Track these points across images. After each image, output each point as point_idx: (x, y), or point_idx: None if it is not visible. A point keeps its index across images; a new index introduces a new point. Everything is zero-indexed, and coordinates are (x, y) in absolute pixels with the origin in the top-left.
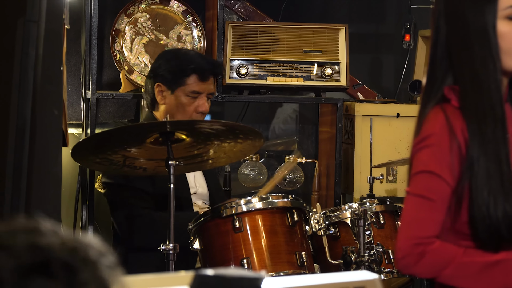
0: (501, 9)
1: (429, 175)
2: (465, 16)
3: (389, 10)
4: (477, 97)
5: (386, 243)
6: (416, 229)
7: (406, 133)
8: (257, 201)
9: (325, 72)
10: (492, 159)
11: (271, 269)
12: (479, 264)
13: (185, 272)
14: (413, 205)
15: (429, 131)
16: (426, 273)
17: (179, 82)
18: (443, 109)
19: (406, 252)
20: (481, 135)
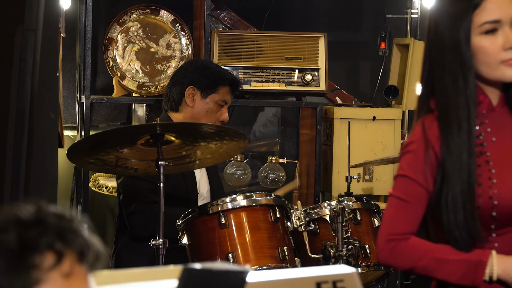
0: (476, 26)
1: (405, 179)
2: (442, 33)
3: (366, 20)
4: (446, 111)
5: (363, 239)
6: (390, 227)
7: (382, 135)
8: (241, 199)
9: (306, 78)
10: (454, 169)
11: (255, 263)
12: (444, 260)
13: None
14: (390, 205)
15: (410, 139)
16: (400, 266)
17: (213, 89)
18: (423, 120)
19: (381, 247)
20: (448, 145)
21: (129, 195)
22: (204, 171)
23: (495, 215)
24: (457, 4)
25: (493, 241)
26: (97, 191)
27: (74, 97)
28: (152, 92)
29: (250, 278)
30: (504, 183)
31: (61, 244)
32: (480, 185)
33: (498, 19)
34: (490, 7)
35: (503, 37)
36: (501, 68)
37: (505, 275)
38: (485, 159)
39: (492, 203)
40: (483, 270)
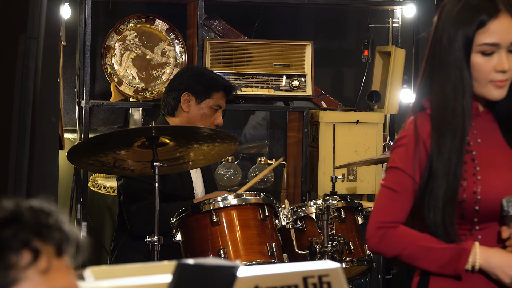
0: (477, 44)
1: (395, 170)
2: (447, 43)
3: (350, 28)
4: (442, 115)
5: (347, 236)
6: (380, 215)
7: (365, 137)
8: (232, 198)
9: (293, 84)
10: (442, 171)
11: (245, 259)
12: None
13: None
14: (381, 195)
15: (402, 134)
16: (388, 252)
17: (208, 95)
18: (416, 117)
19: (371, 234)
20: (439, 147)
21: (130, 196)
22: (199, 172)
23: (478, 209)
24: (465, 18)
25: (476, 234)
26: (95, 190)
27: (74, 102)
28: (148, 97)
29: (240, 273)
30: (487, 180)
31: (37, 241)
32: (465, 180)
33: (497, 43)
34: (493, 30)
35: (498, 59)
36: (488, 86)
37: (487, 265)
38: (471, 157)
39: (475, 197)
40: (466, 258)
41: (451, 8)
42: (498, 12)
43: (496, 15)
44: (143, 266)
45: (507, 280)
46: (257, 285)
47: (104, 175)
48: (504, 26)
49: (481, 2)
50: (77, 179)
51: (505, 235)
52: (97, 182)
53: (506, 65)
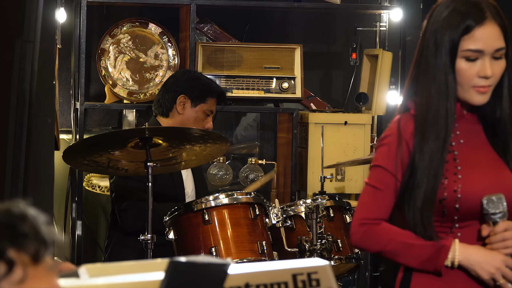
0: (461, 50)
1: (378, 169)
2: (434, 47)
3: (338, 32)
4: (425, 116)
5: (336, 234)
6: (363, 212)
7: (353, 138)
8: (223, 197)
9: (283, 86)
10: (423, 171)
11: (236, 256)
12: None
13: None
14: (364, 193)
15: (386, 134)
16: (370, 248)
17: (203, 100)
18: (400, 117)
19: (354, 229)
20: (421, 148)
21: (121, 194)
22: (189, 171)
23: (458, 208)
24: (453, 21)
25: (456, 232)
26: (90, 190)
27: (69, 104)
28: (141, 99)
29: (231, 270)
30: (467, 180)
31: (12, 250)
32: (446, 179)
33: (481, 49)
34: (478, 36)
35: (481, 66)
36: (471, 92)
37: (466, 262)
38: (453, 157)
39: (456, 196)
40: (446, 255)
41: (440, 12)
42: (484, 19)
43: (482, 22)
44: (137, 264)
45: (486, 276)
46: (247, 282)
47: (98, 175)
48: (489, 33)
49: (469, 9)
50: (72, 179)
51: (485, 233)
52: (91, 182)
53: (488, 72)
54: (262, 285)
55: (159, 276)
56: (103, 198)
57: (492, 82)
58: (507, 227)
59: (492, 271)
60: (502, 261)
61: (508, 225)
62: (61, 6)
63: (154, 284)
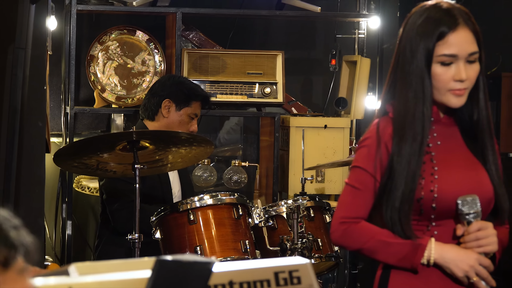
0: (436, 55)
1: (358, 169)
2: (410, 53)
3: (318, 39)
4: (403, 120)
5: (316, 233)
6: (343, 211)
7: (332, 141)
8: (208, 198)
9: (265, 91)
10: (401, 172)
11: (220, 255)
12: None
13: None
14: (345, 192)
15: (365, 136)
16: (350, 246)
17: (187, 103)
18: (379, 121)
19: (334, 228)
20: (399, 150)
21: (112, 195)
22: (176, 173)
23: (435, 207)
24: (426, 30)
25: (433, 230)
26: (80, 191)
27: (60, 108)
28: (129, 103)
29: (215, 268)
30: (444, 180)
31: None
32: (423, 179)
33: (455, 54)
34: (452, 42)
35: (456, 70)
36: (448, 95)
37: (442, 260)
38: (430, 158)
39: (432, 195)
40: (422, 253)
41: (414, 20)
42: (457, 25)
43: (455, 28)
44: (125, 262)
45: (460, 274)
46: (231, 279)
47: (88, 177)
48: (462, 38)
49: (442, 16)
50: (63, 181)
51: (460, 232)
52: (81, 183)
53: (463, 75)
54: (245, 282)
55: (147, 274)
56: (92, 199)
57: (468, 85)
58: (480, 227)
59: (466, 269)
60: (476, 259)
61: (481, 225)
62: (52, 14)
63: (141, 281)
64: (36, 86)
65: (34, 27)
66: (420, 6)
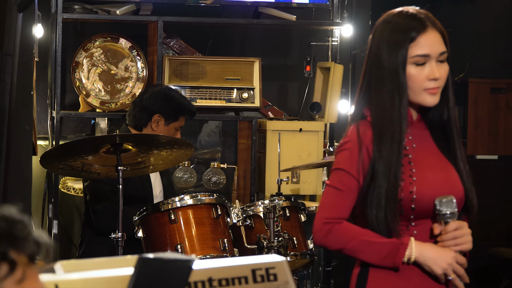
0: (410, 56)
1: (340, 171)
2: (383, 57)
3: (293, 46)
4: (381, 122)
5: (291, 232)
6: (326, 211)
7: (307, 144)
8: (188, 199)
9: (243, 96)
10: (383, 171)
11: (200, 253)
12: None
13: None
14: (327, 193)
15: (346, 139)
16: (332, 246)
17: (175, 118)
18: (358, 124)
19: (317, 228)
20: (380, 151)
21: (95, 196)
22: (158, 175)
23: (414, 207)
24: (397, 35)
25: (412, 230)
26: (65, 192)
27: (46, 112)
28: (113, 108)
29: (195, 266)
30: (422, 181)
31: (13, 252)
32: (402, 181)
33: (428, 53)
34: (423, 43)
35: (429, 69)
36: (423, 94)
37: (421, 258)
38: (408, 160)
39: (412, 196)
40: (404, 252)
41: (383, 29)
42: (426, 27)
43: (424, 30)
44: (108, 260)
45: (439, 271)
46: (210, 276)
47: (73, 178)
48: (432, 39)
49: (409, 21)
50: (49, 182)
51: (437, 231)
52: (67, 185)
53: (437, 74)
54: (224, 279)
55: (129, 271)
56: (77, 199)
57: (440, 84)
58: (457, 226)
59: (445, 267)
60: (453, 258)
61: (458, 224)
62: (38, 22)
63: (124, 278)
64: (23, 91)
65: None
66: (387, 14)
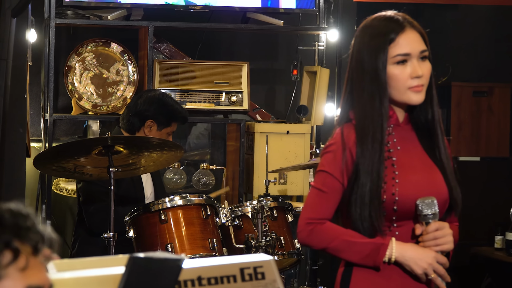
0: (391, 57)
1: (324, 173)
2: (363, 61)
3: (281, 51)
4: (363, 123)
5: (279, 232)
6: (309, 212)
7: (294, 146)
8: (178, 199)
9: (231, 99)
10: (366, 170)
11: (190, 252)
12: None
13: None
14: (311, 195)
15: (331, 142)
16: (315, 245)
17: (168, 124)
18: (343, 127)
19: (301, 228)
20: (362, 151)
21: (88, 198)
22: (149, 176)
23: (396, 209)
24: (376, 39)
25: (394, 230)
26: (58, 193)
27: (40, 115)
28: (105, 111)
29: (185, 265)
30: (404, 183)
31: (17, 241)
32: (385, 183)
33: (408, 52)
34: (402, 42)
35: (411, 68)
36: (408, 93)
37: (402, 258)
38: (391, 163)
39: (394, 198)
40: (384, 252)
41: (363, 34)
42: (404, 28)
43: (402, 31)
44: (100, 259)
45: (419, 271)
46: (200, 275)
47: (66, 179)
48: (411, 38)
49: (387, 24)
50: (42, 183)
51: (418, 232)
52: (59, 186)
53: (419, 71)
54: (213, 278)
55: (121, 270)
56: (70, 200)
57: (424, 81)
58: (438, 227)
59: (425, 266)
60: (434, 258)
61: (439, 225)
62: (32, 27)
63: (116, 277)
64: (17, 94)
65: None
66: (366, 19)
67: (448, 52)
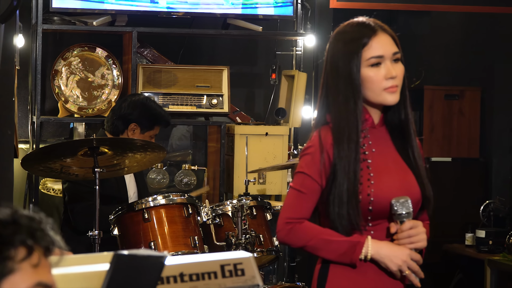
0: (365, 60)
1: (302, 175)
2: (338, 66)
3: (260, 55)
4: (339, 125)
5: (258, 230)
6: (288, 212)
7: (273, 147)
8: (161, 198)
9: (212, 102)
10: (343, 170)
11: (172, 250)
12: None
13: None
14: (290, 195)
15: (309, 144)
16: (294, 243)
17: (150, 128)
18: (320, 130)
19: (280, 227)
20: (339, 152)
21: (73, 197)
22: (132, 177)
23: (371, 209)
24: (350, 44)
25: (370, 230)
26: (45, 192)
27: (27, 117)
28: (90, 113)
29: (168, 262)
30: (379, 184)
31: (31, 241)
32: (361, 184)
33: (381, 54)
34: (375, 45)
35: (385, 69)
36: (383, 94)
37: (378, 256)
38: (366, 165)
39: (369, 199)
40: (360, 250)
41: (336, 40)
42: (376, 31)
43: (374, 34)
44: (86, 256)
45: (394, 268)
46: (182, 272)
47: (52, 179)
48: (383, 41)
49: (360, 29)
50: (30, 183)
51: (393, 230)
52: (46, 185)
53: (393, 72)
54: (194, 274)
55: (106, 267)
56: (56, 200)
57: (398, 82)
58: (412, 226)
59: (399, 263)
60: (408, 255)
61: (413, 223)
62: (19, 32)
63: (101, 274)
64: (5, 97)
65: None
66: (339, 26)
67: (421, 56)
